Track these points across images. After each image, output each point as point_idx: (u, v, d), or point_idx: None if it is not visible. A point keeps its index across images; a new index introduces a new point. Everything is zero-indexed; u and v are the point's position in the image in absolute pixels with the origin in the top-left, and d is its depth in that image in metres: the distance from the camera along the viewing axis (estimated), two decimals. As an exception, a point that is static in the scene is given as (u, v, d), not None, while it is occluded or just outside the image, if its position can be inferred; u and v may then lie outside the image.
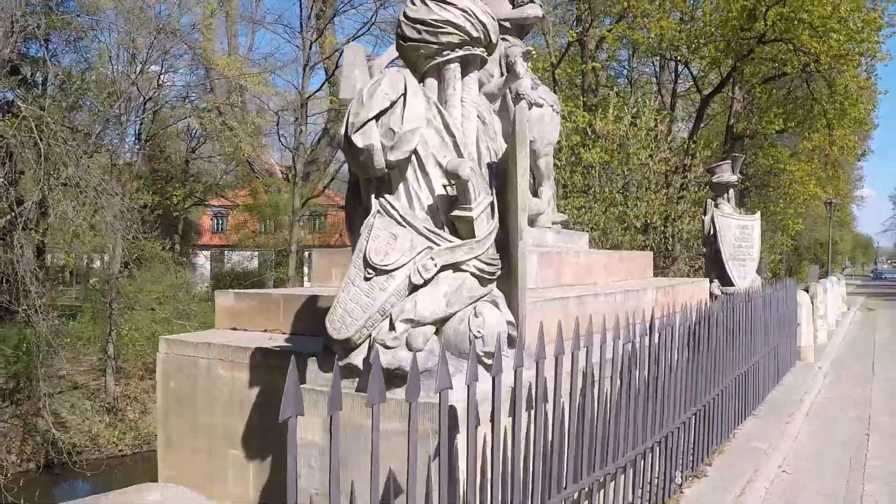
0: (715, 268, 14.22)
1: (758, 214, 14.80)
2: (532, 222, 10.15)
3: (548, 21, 29.36)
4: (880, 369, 15.38)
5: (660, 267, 22.97)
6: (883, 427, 10.39)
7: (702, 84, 30.53)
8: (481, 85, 9.23)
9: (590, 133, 22.45)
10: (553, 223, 10.76)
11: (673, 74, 30.19)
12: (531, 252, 8.53)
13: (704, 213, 14.53)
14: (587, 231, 20.91)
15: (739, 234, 14.12)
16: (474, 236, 5.24)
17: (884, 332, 23.38)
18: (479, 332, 4.95)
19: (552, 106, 10.75)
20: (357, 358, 4.93)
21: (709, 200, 14.64)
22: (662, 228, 21.98)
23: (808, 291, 17.55)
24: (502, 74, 9.92)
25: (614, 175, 22.36)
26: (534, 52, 10.38)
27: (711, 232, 14.06)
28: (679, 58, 28.06)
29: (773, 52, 26.75)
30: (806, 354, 14.89)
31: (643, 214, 21.27)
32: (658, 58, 29.91)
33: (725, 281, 13.94)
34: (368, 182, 5.37)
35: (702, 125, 29.28)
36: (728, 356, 8.65)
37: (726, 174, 14.55)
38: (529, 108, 10.12)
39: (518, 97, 10.03)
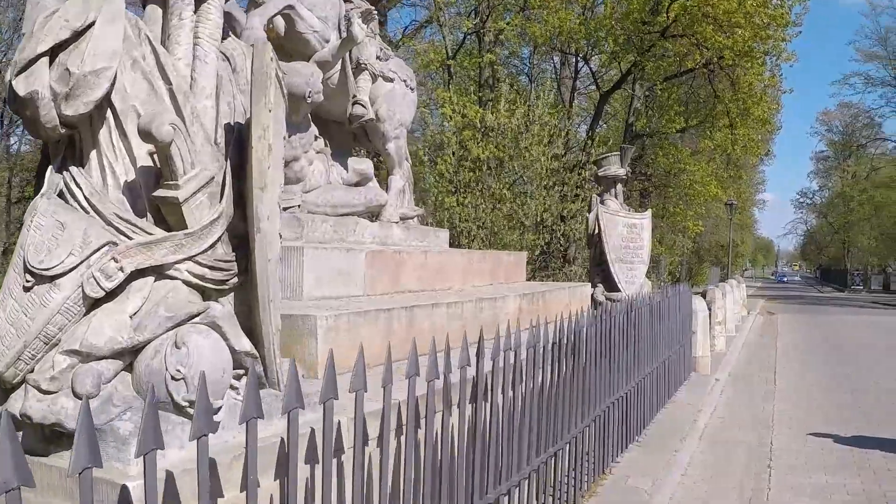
0: (599, 271, 12.58)
1: (648, 213, 13.20)
2: (374, 216, 8.34)
3: (444, 12, 27.68)
4: (782, 381, 13.91)
5: (553, 269, 21.41)
6: (786, 456, 8.81)
7: (601, 81, 29.19)
8: (306, 46, 7.43)
9: (479, 126, 20.69)
10: (404, 218, 8.97)
11: (572, 70, 28.68)
12: (356, 250, 6.74)
13: (589, 210, 12.87)
14: (477, 229, 19.72)
15: (627, 233, 12.49)
16: (186, 226, 3.29)
17: (785, 338, 22.14)
18: (178, 370, 3.30)
19: (406, 81, 9.01)
20: (15, 405, 3.35)
21: (594, 196, 12.99)
22: (554, 228, 20.31)
23: (705, 297, 16.07)
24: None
25: (505, 171, 20.67)
26: (375, 13, 8.57)
27: (595, 231, 12.41)
28: (578, 52, 26.54)
29: (676, 48, 25.43)
30: (702, 365, 13.32)
31: (533, 213, 19.59)
32: (559, 53, 28.37)
33: (611, 286, 12.29)
34: (56, 149, 3.66)
35: (601, 123, 27.85)
36: (604, 377, 6.97)
37: (613, 167, 12.92)
38: (374, 81, 8.29)
39: (359, 67, 8.21)
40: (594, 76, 28.28)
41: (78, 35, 3.35)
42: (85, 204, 3.40)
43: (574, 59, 27.83)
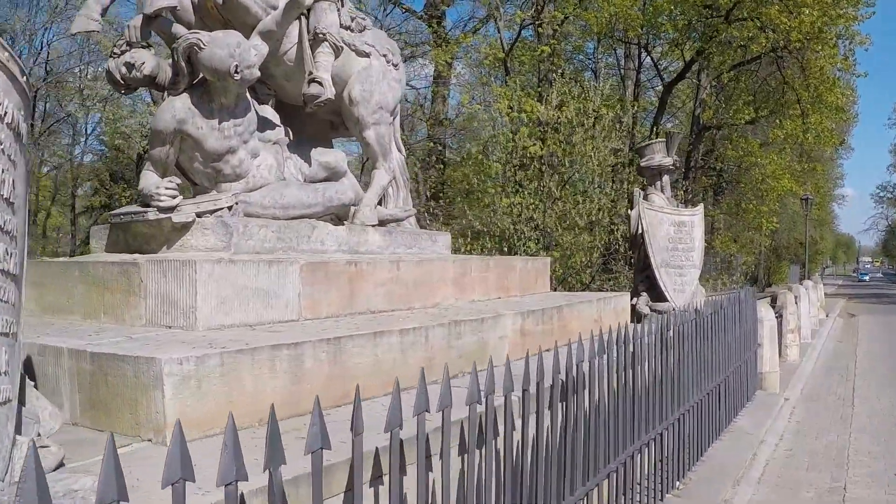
0: (643, 278, 10.50)
1: (699, 208, 10.99)
2: (341, 217, 6.54)
3: (502, 8, 25.77)
4: (861, 402, 11.63)
5: (616, 272, 19.39)
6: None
7: (665, 73, 26.90)
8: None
9: (526, 120, 18.81)
10: (389, 220, 7.24)
11: (636, 63, 26.36)
12: (285, 262, 5.02)
13: (631, 207, 10.79)
14: (533, 232, 17.77)
15: (675, 233, 10.40)
16: None
17: (865, 344, 19.57)
18: None
19: (385, 56, 7.18)
20: None
21: (636, 190, 10.90)
22: (612, 228, 18.23)
23: (775, 302, 13.84)
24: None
25: (558, 168, 18.71)
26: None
27: (638, 231, 10.34)
28: (637, 40, 24.24)
29: (741, 33, 23.04)
30: (770, 382, 11.14)
31: (587, 212, 17.54)
32: (622, 45, 26.14)
33: (657, 295, 10.22)
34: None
35: (666, 116, 25.52)
36: (622, 423, 5.09)
37: (658, 156, 10.82)
38: (337, 54, 6.49)
39: (316, 38, 6.47)
40: (657, 67, 25.99)
41: None
42: None
43: (637, 51, 25.56)
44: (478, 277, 7.35)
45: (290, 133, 7.14)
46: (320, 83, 6.55)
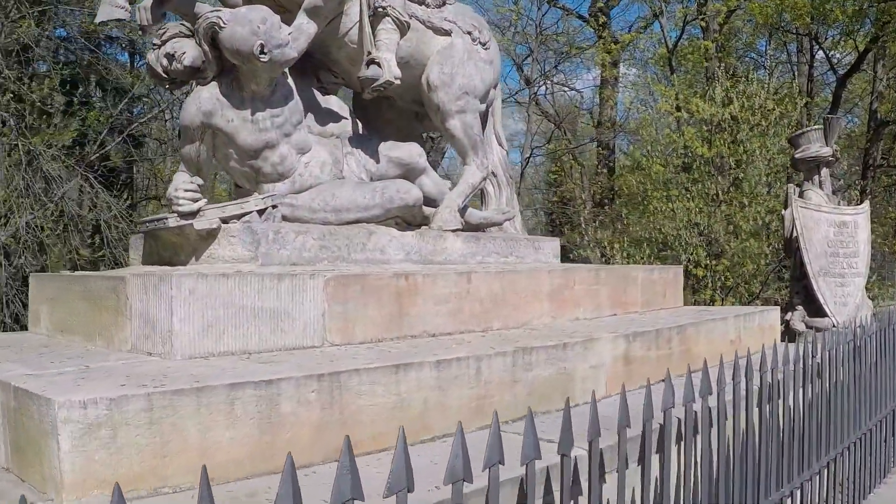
0: (800, 288, 8.86)
1: (865, 205, 9.23)
2: (410, 222, 5.50)
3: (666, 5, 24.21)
4: None
5: (785, 282, 17.43)
6: None
7: (839, 65, 24.40)
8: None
9: (692, 119, 17.28)
10: (481, 225, 6.41)
11: (808, 57, 23.98)
12: (302, 276, 4.08)
13: (785, 207, 9.15)
14: (696, 238, 16.21)
15: (835, 235, 8.71)
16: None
17: None
18: None
19: (470, 34, 6.11)
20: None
21: (790, 187, 9.26)
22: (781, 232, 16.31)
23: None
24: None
25: (724, 170, 17.07)
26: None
27: (793, 234, 8.73)
28: (807, 31, 21.95)
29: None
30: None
31: (753, 215, 15.79)
32: (794, 38, 23.91)
33: (815, 308, 8.58)
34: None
35: (840, 111, 23.03)
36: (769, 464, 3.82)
37: (814, 145, 9.15)
38: (403, 32, 5.75)
39: (376, 13, 5.47)
40: (829, 59, 23.58)
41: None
42: None
43: (809, 43, 23.28)
44: (584, 291, 6.10)
45: (360, 126, 6.18)
46: (378, 64, 5.52)
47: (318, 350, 4.19)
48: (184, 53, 5.11)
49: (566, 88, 26.97)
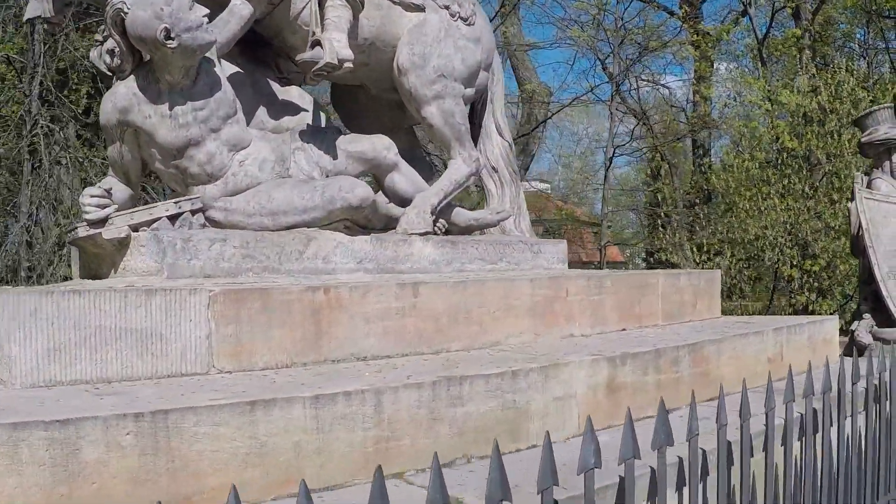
0: (869, 293, 7.70)
1: (945, 194, 8.00)
2: (364, 224, 4.84)
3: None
4: None
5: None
6: None
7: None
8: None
9: (774, 108, 16.20)
10: (469, 227, 5.81)
11: (905, 40, 22.20)
12: (178, 290, 3.29)
13: (851, 199, 8.00)
14: (785, 237, 15.08)
15: None
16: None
17: None
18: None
19: (448, 7, 5.37)
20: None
21: (857, 175, 8.11)
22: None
23: None
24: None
25: (815, 165, 15.93)
26: None
27: (859, 230, 7.61)
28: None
29: None
30: None
31: (844, 212, 14.53)
32: (891, 24, 22.18)
33: (885, 317, 7.42)
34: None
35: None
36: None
37: (884, 126, 7.96)
38: (356, 9, 5.17)
39: None
40: (922, 41, 21.82)
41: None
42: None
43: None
44: (581, 302, 5.25)
45: (324, 119, 5.52)
46: (322, 45, 4.82)
47: (200, 378, 3.51)
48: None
49: (651, 84, 25.72)
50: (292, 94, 5.48)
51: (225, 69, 4.85)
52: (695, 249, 16.54)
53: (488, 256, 5.45)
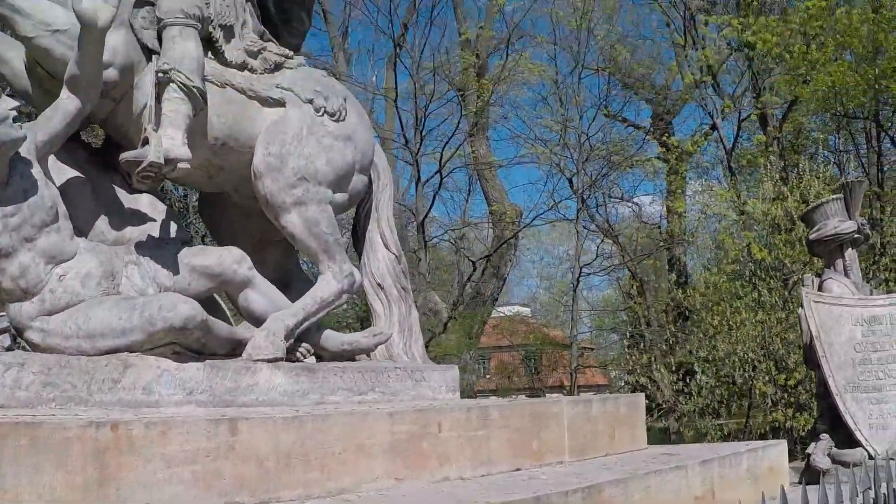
0: (825, 408, 6.99)
1: (901, 292, 7.41)
2: (198, 349, 4.21)
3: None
4: None
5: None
6: None
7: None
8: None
9: (742, 219, 16.02)
10: (341, 352, 5.33)
11: (875, 143, 22.02)
12: None
13: (801, 305, 7.35)
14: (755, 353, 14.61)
15: (863, 335, 6.86)
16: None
17: None
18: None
19: (312, 101, 5.10)
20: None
21: (807, 278, 7.50)
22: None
23: None
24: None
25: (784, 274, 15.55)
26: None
27: (808, 338, 6.95)
28: (865, 114, 20.18)
29: None
30: None
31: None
32: (864, 122, 22.14)
33: (844, 435, 6.68)
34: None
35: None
36: None
37: (833, 220, 7.41)
38: (196, 103, 4.69)
39: (159, 79, 4.43)
40: (893, 142, 21.61)
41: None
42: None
43: (876, 129, 21.41)
44: (460, 439, 4.53)
45: (174, 229, 4.93)
46: (151, 142, 4.26)
47: None
48: None
49: (619, 200, 25.57)
50: (142, 202, 4.97)
51: (65, 172, 4.51)
52: (662, 370, 15.89)
53: (356, 386, 4.80)
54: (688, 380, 15.45)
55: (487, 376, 34.96)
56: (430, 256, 25.01)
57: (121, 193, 4.87)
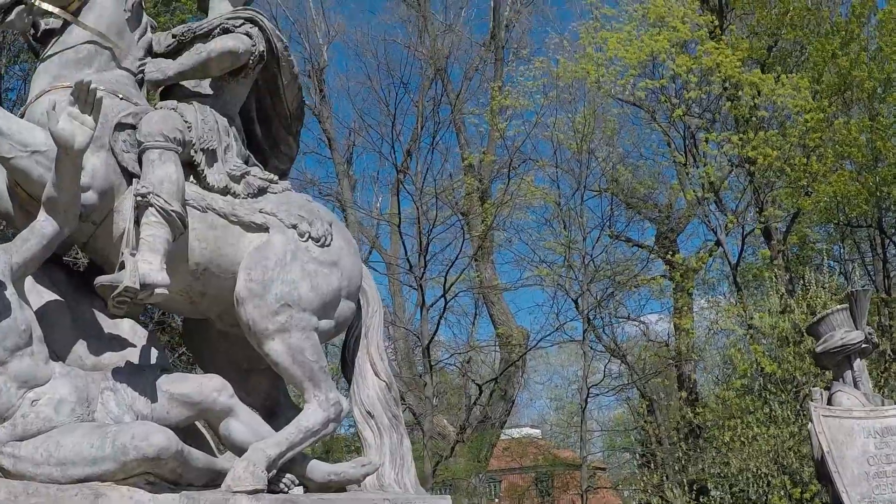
0: None
1: (912, 401, 7.18)
2: (175, 480, 4.00)
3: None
4: None
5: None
6: None
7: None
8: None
9: (750, 334, 15.89)
10: (330, 483, 5.09)
11: (881, 251, 22.00)
12: None
13: (810, 420, 7.09)
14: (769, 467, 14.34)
15: (876, 447, 6.61)
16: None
17: None
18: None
19: (296, 226, 5.17)
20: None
21: (815, 392, 7.27)
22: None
23: None
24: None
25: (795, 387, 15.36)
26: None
27: (819, 454, 6.69)
28: (868, 221, 20.27)
29: None
30: None
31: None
32: (869, 231, 22.20)
33: None
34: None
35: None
36: None
37: (840, 331, 7.24)
38: (175, 228, 4.61)
39: (138, 203, 4.57)
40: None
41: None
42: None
43: (881, 236, 21.40)
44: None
45: (156, 354, 4.79)
46: (128, 266, 4.16)
47: None
48: None
49: (626, 320, 25.39)
50: (122, 327, 4.90)
51: (43, 295, 4.47)
52: (674, 490, 15.48)
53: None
54: (701, 498, 15.05)
55: (496, 500, 34.17)
56: (437, 380, 24.76)
57: (101, 318, 4.78)
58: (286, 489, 4.64)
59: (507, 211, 23.97)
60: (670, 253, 23.73)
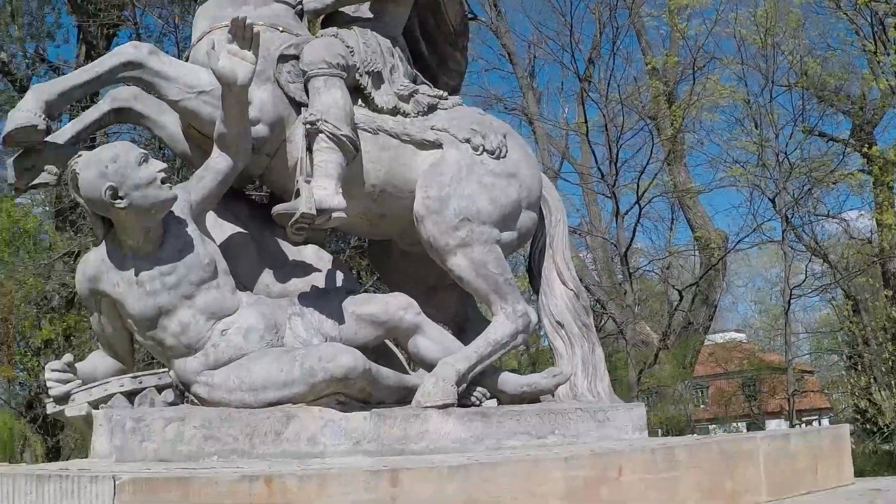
0: None
1: None
2: (365, 399, 4.18)
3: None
4: None
5: None
6: None
7: None
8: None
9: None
10: (521, 394, 5.13)
11: None
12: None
13: None
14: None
15: None
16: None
17: None
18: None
19: (470, 140, 5.09)
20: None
21: None
22: None
23: None
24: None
25: None
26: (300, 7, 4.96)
27: None
28: None
29: None
30: None
31: None
32: None
33: None
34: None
35: None
36: None
37: None
38: (347, 152, 4.70)
39: (308, 130, 4.68)
40: None
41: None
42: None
43: None
44: (640, 483, 4.15)
45: (342, 278, 4.89)
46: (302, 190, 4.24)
47: None
48: None
49: (825, 218, 24.04)
50: (306, 253, 4.98)
51: (227, 229, 4.62)
52: (881, 392, 14.63)
53: (535, 430, 4.58)
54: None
55: (703, 406, 33.67)
56: (637, 287, 24.38)
57: (285, 246, 4.90)
58: (478, 402, 4.70)
59: (696, 112, 23.01)
60: (867, 146, 22.26)
